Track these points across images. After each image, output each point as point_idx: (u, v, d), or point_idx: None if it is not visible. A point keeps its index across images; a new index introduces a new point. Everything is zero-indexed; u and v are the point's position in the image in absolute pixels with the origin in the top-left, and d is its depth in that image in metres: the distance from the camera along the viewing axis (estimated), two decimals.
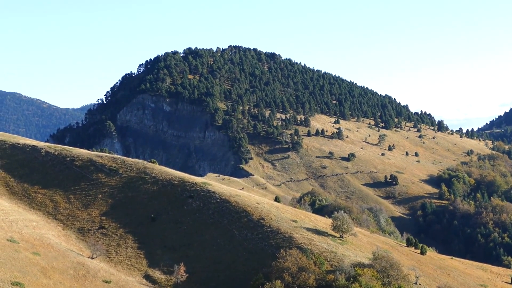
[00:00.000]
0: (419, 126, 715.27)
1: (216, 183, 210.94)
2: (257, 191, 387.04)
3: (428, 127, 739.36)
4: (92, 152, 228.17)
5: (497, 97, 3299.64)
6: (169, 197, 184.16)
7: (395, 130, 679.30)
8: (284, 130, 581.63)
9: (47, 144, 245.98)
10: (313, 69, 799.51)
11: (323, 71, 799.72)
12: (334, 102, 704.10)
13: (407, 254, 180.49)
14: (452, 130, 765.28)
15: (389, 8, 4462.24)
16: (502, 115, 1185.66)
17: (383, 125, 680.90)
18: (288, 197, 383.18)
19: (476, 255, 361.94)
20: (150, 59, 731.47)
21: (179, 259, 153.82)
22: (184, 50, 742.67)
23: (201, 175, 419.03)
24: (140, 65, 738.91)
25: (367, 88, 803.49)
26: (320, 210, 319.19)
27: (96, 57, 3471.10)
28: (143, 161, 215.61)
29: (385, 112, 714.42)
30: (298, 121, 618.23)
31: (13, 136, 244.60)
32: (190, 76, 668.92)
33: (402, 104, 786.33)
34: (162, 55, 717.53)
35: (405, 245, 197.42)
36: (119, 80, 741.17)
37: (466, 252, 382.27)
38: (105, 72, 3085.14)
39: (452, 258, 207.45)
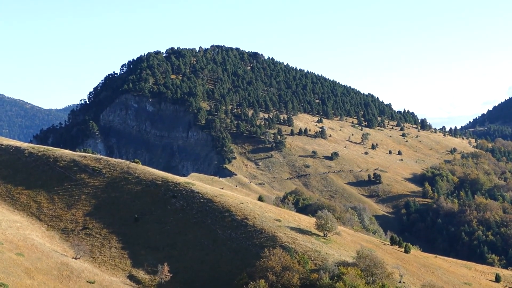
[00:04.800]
0: (402, 124, 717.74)
1: (200, 183, 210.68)
2: (241, 191, 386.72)
3: (411, 125, 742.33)
4: (75, 153, 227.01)
5: (480, 96, 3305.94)
6: (153, 197, 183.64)
7: (378, 129, 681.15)
8: (267, 130, 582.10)
9: (30, 145, 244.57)
10: (296, 68, 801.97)
11: (305, 70, 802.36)
12: (317, 101, 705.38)
13: (391, 252, 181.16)
14: (435, 129, 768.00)
15: (370, 8, 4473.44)
16: (485, 113, 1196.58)
17: (366, 124, 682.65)
18: (271, 196, 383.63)
19: (460, 253, 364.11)
20: (133, 59, 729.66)
21: (163, 259, 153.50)
22: (166, 50, 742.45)
23: (184, 175, 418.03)
24: (122, 66, 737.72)
25: (350, 87, 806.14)
26: (304, 209, 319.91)
27: (79, 58, 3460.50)
28: (127, 161, 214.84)
29: (368, 111, 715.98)
30: (281, 121, 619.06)
31: None
32: (173, 76, 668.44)
33: (385, 103, 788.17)
34: (144, 55, 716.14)
35: (389, 243, 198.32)
36: (102, 80, 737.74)
37: (450, 250, 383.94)
38: (88, 73, 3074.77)
39: (436, 257, 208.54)
